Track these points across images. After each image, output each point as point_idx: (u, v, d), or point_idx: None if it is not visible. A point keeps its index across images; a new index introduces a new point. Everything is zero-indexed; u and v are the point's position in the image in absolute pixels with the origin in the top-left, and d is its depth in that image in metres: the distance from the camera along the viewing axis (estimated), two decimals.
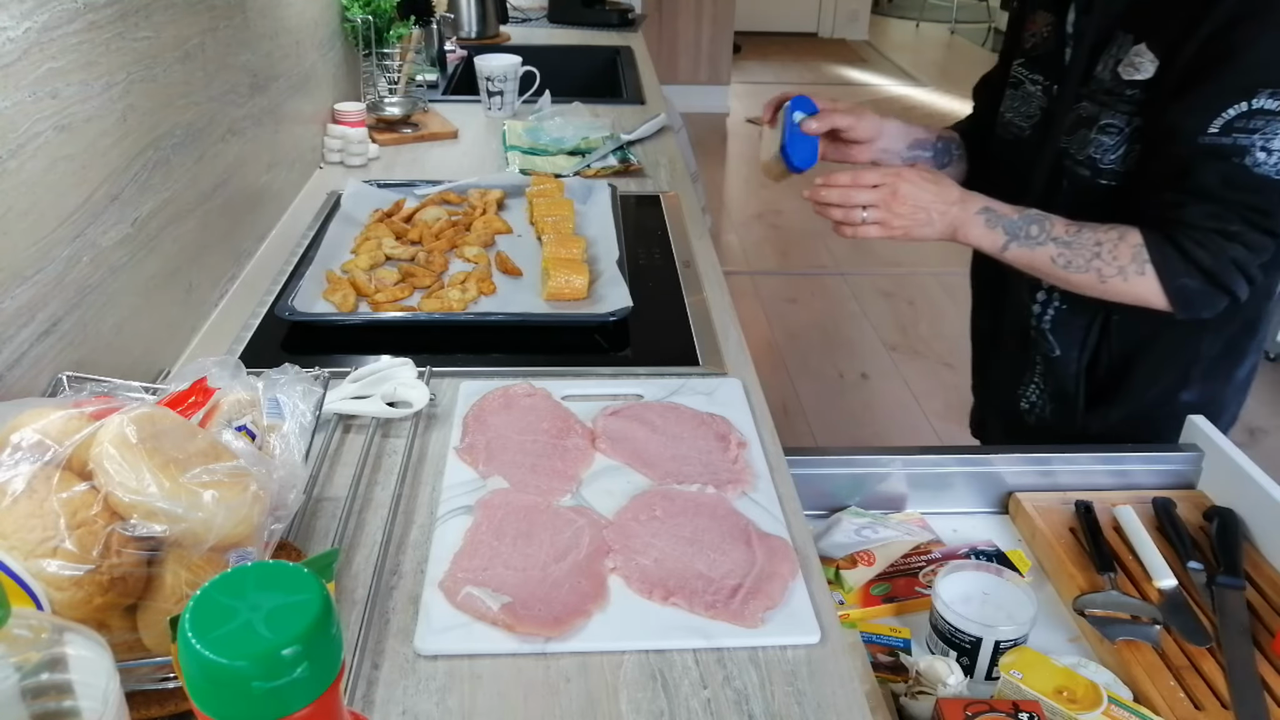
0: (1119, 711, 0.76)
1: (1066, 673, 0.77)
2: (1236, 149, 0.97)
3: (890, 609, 0.92)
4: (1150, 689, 0.81)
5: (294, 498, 0.70)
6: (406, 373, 0.99)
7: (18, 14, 0.78)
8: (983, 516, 1.07)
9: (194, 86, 1.13)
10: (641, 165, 1.73)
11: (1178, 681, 0.83)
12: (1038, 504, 1.03)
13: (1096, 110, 1.09)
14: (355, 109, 1.69)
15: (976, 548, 0.99)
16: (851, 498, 1.04)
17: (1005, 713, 0.70)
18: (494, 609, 0.72)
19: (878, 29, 7.87)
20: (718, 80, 5.56)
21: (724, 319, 1.20)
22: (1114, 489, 1.06)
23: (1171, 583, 0.92)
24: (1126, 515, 1.00)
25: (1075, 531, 1.00)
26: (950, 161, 1.35)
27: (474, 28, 2.63)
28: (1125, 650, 0.85)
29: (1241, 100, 0.96)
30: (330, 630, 0.32)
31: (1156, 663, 0.84)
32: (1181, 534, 0.98)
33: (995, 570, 0.88)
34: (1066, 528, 1.00)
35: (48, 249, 0.83)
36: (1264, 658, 0.86)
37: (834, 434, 2.76)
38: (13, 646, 0.42)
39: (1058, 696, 0.75)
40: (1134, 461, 1.07)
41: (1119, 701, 0.77)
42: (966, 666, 0.82)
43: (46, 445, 0.60)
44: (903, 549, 0.96)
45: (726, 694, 0.69)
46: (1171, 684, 0.82)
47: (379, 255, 1.28)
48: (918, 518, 1.03)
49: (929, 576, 0.93)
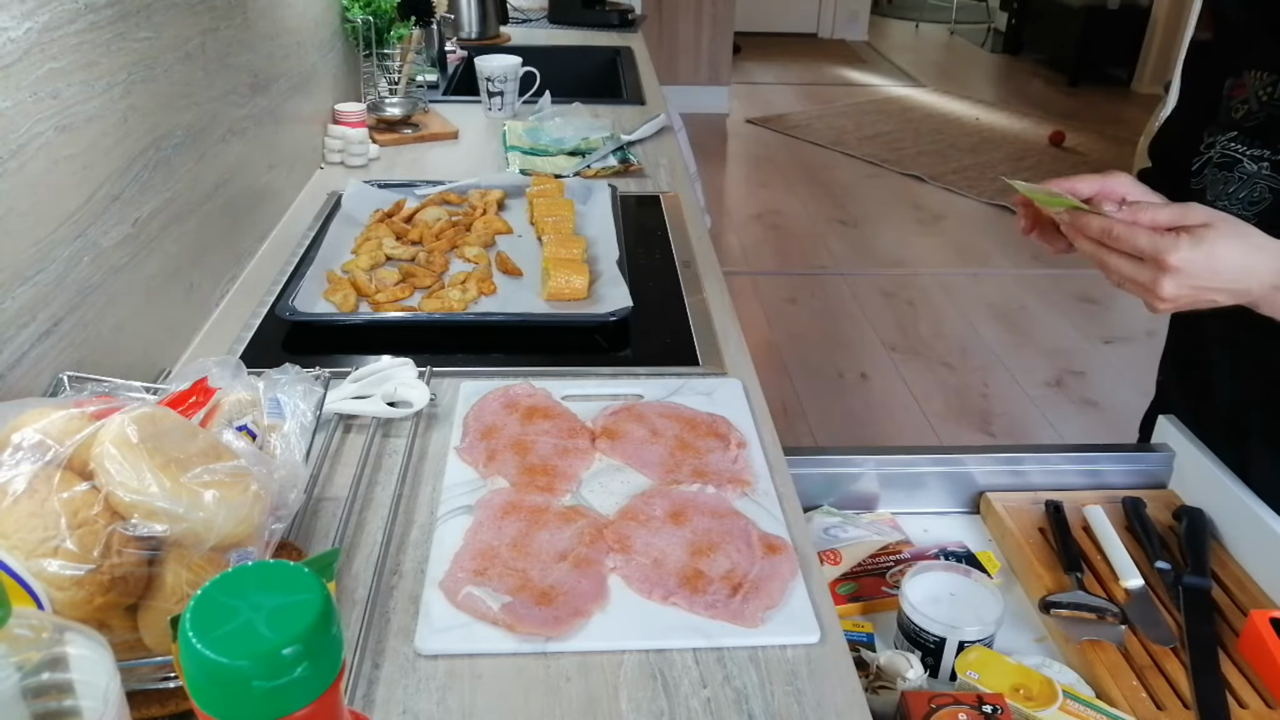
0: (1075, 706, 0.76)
1: (1022, 670, 0.78)
2: None
3: (856, 608, 0.92)
4: (1113, 688, 0.82)
5: (294, 497, 0.70)
6: (407, 373, 0.99)
7: (18, 14, 0.78)
8: (954, 517, 1.06)
9: (195, 87, 1.13)
10: (641, 165, 1.73)
11: (1140, 681, 0.83)
12: (1008, 504, 1.03)
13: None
14: (356, 109, 1.69)
15: (946, 548, 0.99)
16: (825, 497, 1.04)
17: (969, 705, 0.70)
18: (494, 609, 0.72)
19: (877, 30, 7.88)
20: (718, 81, 5.56)
21: (724, 319, 1.20)
22: (1086, 489, 1.06)
23: (1138, 582, 0.92)
24: (1095, 515, 1.00)
25: (1044, 531, 1.00)
26: None
27: (474, 28, 2.63)
28: (1089, 650, 0.85)
29: None
30: (331, 630, 0.32)
31: (1120, 662, 0.84)
32: (1150, 534, 0.98)
33: (963, 571, 0.88)
34: (1036, 528, 1.00)
35: (49, 249, 0.84)
36: (1228, 657, 0.86)
37: (834, 434, 2.76)
38: (13, 646, 0.42)
39: (1015, 694, 0.75)
40: (1106, 461, 1.07)
41: (1076, 697, 0.77)
42: (931, 666, 0.83)
43: (47, 445, 0.60)
44: (870, 549, 0.96)
45: (726, 693, 0.69)
46: (1134, 683, 0.82)
47: (379, 255, 1.28)
48: (888, 518, 1.03)
49: (896, 576, 0.93)
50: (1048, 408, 2.91)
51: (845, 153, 5.03)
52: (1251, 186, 0.93)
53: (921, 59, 7.17)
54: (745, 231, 4.10)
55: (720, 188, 4.62)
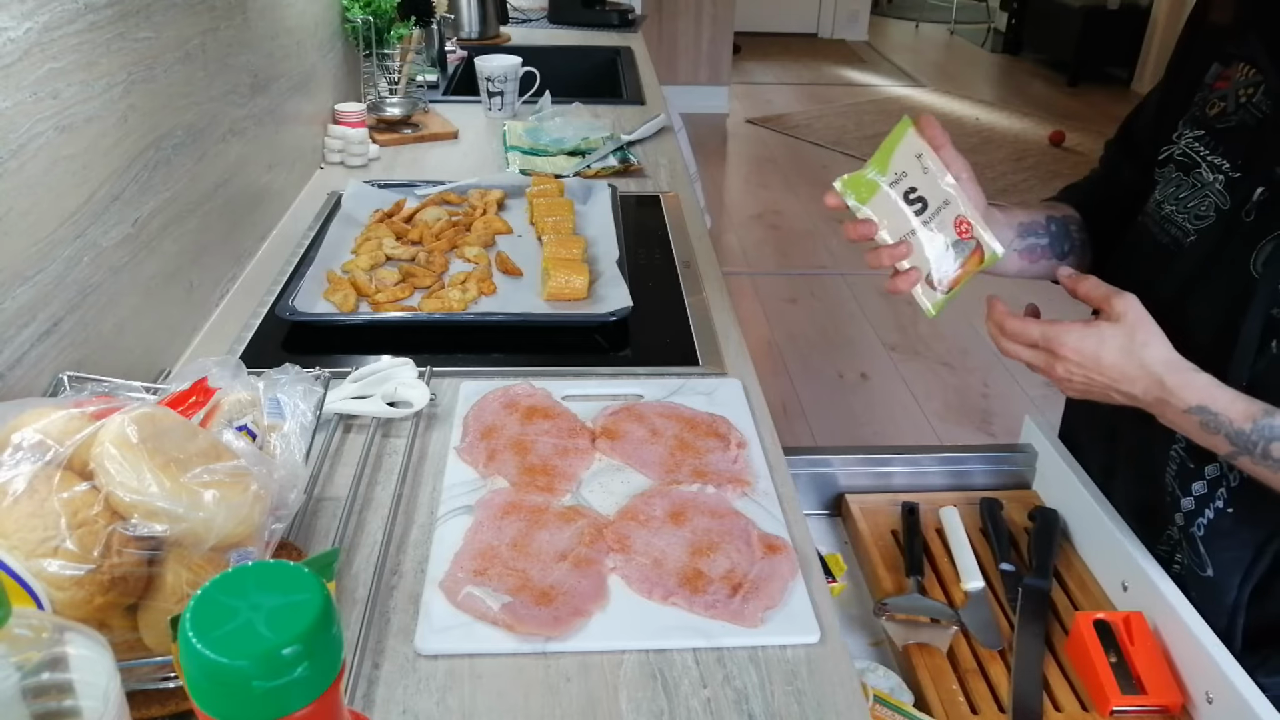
0: (883, 711, 0.76)
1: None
2: None
3: None
4: (932, 693, 0.82)
5: (294, 497, 0.70)
6: (407, 373, 0.99)
7: (18, 14, 0.78)
8: (816, 519, 1.06)
9: (195, 87, 1.13)
10: (641, 165, 1.73)
11: (961, 685, 0.83)
12: (865, 505, 1.03)
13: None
14: (356, 109, 1.69)
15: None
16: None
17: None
18: (494, 609, 0.72)
19: (877, 30, 7.87)
20: (717, 81, 5.56)
21: (724, 319, 1.20)
22: (950, 489, 1.06)
23: (979, 585, 0.92)
24: (949, 516, 1.00)
25: (897, 534, 1.00)
26: (1070, 249, 1.01)
27: (474, 28, 2.63)
28: (915, 654, 0.86)
29: None
30: (331, 630, 0.32)
31: (944, 666, 0.85)
32: (1001, 535, 0.98)
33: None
34: (890, 530, 1.00)
35: (49, 249, 0.84)
36: (1054, 659, 0.86)
37: (834, 434, 2.76)
38: (13, 646, 0.42)
39: None
40: (971, 462, 1.07)
41: (886, 702, 0.77)
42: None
43: (47, 445, 0.60)
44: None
45: (726, 693, 0.69)
46: (954, 687, 0.83)
47: (379, 255, 1.28)
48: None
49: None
50: (1048, 408, 2.91)
51: (845, 153, 5.03)
52: (1202, 198, 0.87)
53: (921, 59, 7.17)
54: (745, 231, 4.10)
55: (720, 188, 4.62)
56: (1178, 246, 0.88)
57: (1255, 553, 0.84)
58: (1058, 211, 1.03)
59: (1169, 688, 0.80)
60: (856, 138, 5.26)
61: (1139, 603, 0.87)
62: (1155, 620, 0.85)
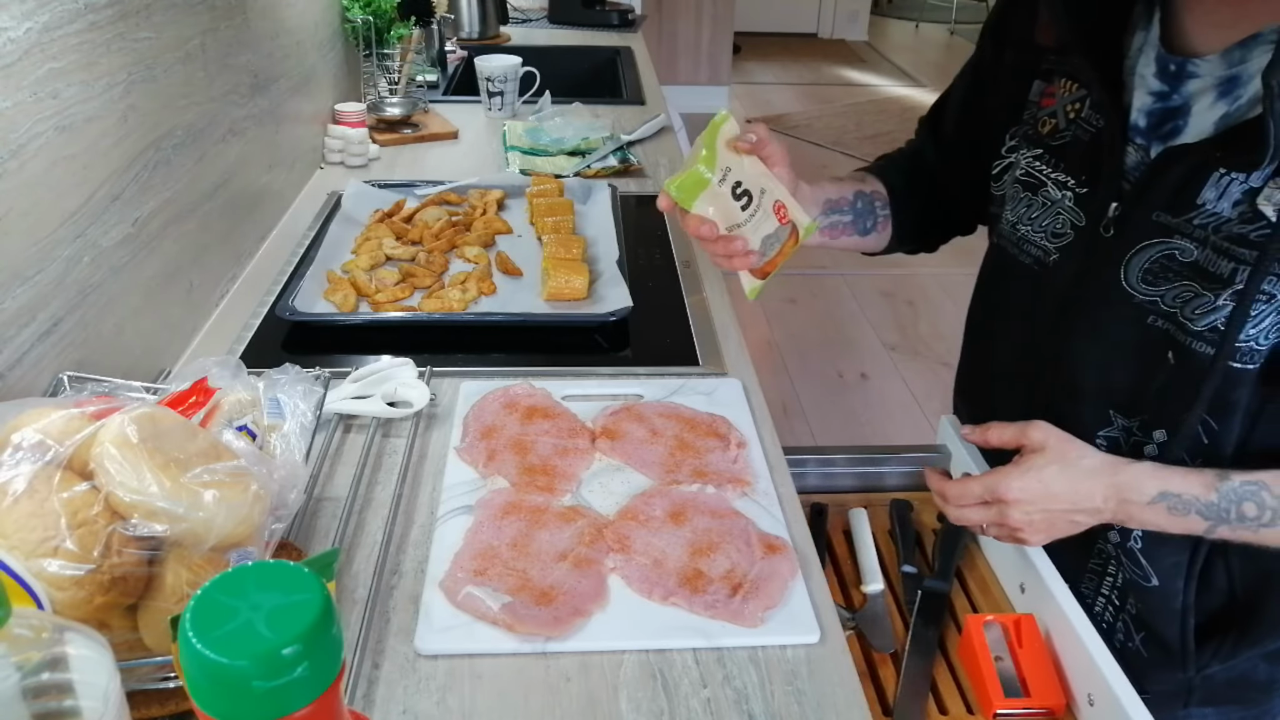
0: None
1: None
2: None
3: None
4: None
5: (294, 497, 0.70)
6: (407, 373, 0.99)
7: (18, 14, 0.78)
8: None
9: (195, 87, 1.13)
10: (641, 165, 1.73)
11: None
12: None
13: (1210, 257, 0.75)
14: (356, 109, 1.69)
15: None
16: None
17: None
18: (494, 609, 0.72)
19: (877, 29, 7.87)
20: (718, 81, 5.56)
21: (724, 319, 1.20)
22: (864, 490, 1.06)
23: (878, 587, 0.92)
24: (856, 518, 1.00)
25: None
26: (874, 226, 1.06)
27: (474, 28, 2.63)
28: None
29: None
30: (331, 630, 0.32)
31: None
32: (907, 536, 0.97)
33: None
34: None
35: (49, 249, 0.84)
36: (946, 662, 0.85)
37: (834, 434, 2.76)
38: (13, 646, 0.42)
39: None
40: (885, 464, 1.07)
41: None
42: None
43: (47, 445, 0.60)
44: None
45: (726, 693, 0.69)
46: None
47: (379, 255, 1.28)
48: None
49: None
50: None
51: (845, 153, 5.03)
52: (1055, 215, 0.88)
53: (921, 59, 7.17)
54: None
55: None
56: (1042, 266, 0.89)
57: (1191, 552, 0.85)
58: (866, 186, 1.07)
59: (1053, 690, 0.79)
60: (856, 138, 5.26)
61: (1034, 605, 0.86)
62: (1046, 622, 0.84)
